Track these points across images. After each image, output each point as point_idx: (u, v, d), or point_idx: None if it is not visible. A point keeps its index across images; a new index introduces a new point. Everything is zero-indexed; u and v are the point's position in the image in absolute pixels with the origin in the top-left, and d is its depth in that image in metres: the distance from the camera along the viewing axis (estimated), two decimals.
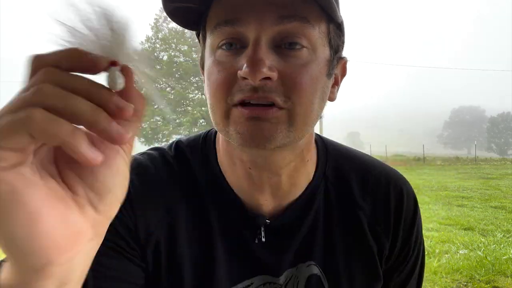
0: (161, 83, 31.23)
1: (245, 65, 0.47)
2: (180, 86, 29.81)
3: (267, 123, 0.49)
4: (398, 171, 0.72)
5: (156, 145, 0.74)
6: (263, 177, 0.59)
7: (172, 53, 30.86)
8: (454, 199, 8.50)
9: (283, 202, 0.62)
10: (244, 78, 0.48)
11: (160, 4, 0.51)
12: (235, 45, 0.50)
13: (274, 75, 0.48)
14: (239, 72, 0.48)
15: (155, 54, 31.45)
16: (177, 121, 29.91)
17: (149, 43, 31.78)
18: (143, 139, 29.68)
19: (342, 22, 0.55)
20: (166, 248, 0.59)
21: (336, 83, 0.61)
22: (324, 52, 0.53)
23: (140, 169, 0.60)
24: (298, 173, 0.62)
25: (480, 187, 10.54)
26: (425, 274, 3.53)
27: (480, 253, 4.31)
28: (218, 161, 0.63)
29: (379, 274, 0.64)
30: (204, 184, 0.62)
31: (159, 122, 29.92)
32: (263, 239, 0.61)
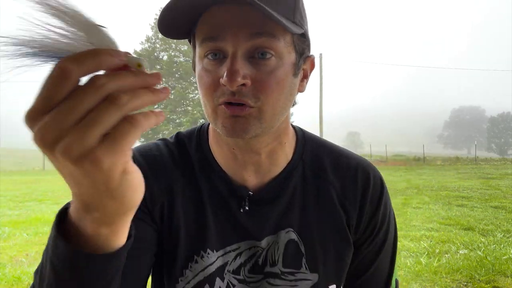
0: (161, 83, 31.22)
1: (225, 75, 0.60)
2: (180, 86, 29.81)
3: (242, 119, 0.63)
4: (371, 162, 0.84)
5: None
6: (246, 157, 0.73)
7: (172, 53, 30.85)
8: (454, 199, 8.50)
9: (264, 179, 0.75)
10: (224, 85, 0.61)
11: (160, 5, 0.57)
12: (218, 55, 0.63)
13: (247, 82, 0.61)
14: (221, 79, 0.61)
15: (155, 54, 31.46)
16: (177, 121, 29.91)
17: (149, 43, 31.78)
18: (143, 139, 29.69)
19: (305, 31, 0.67)
20: (166, 215, 0.72)
21: (305, 77, 0.74)
22: (290, 57, 0.65)
23: (146, 150, 0.77)
24: (276, 154, 0.75)
25: (480, 187, 10.54)
26: (425, 274, 3.54)
27: (480, 253, 4.31)
28: (210, 145, 0.78)
29: (348, 240, 0.76)
30: (197, 163, 0.76)
31: None
32: (247, 208, 0.73)
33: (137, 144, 0.47)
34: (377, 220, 0.78)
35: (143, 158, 0.74)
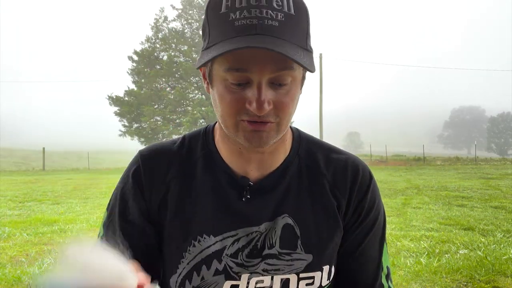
0: (161, 83, 31.23)
1: (254, 103, 0.68)
2: (180, 86, 29.76)
3: (264, 133, 0.72)
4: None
5: None
6: (251, 155, 0.82)
7: (172, 53, 30.78)
8: (454, 199, 8.50)
9: (265, 172, 0.83)
10: (252, 110, 0.69)
11: (160, 5, 0.61)
12: (243, 84, 0.70)
13: (271, 108, 0.70)
14: (247, 105, 0.69)
15: (155, 54, 31.40)
16: (177, 121, 29.87)
17: (149, 43, 31.70)
18: (143, 139, 29.64)
19: (312, 50, 0.75)
20: (164, 205, 0.82)
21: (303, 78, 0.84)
22: (299, 75, 0.74)
23: (149, 149, 0.89)
24: (277, 151, 0.84)
25: (480, 187, 10.54)
26: (425, 274, 3.53)
27: (480, 253, 4.31)
28: (215, 142, 0.86)
29: (338, 224, 0.84)
30: (201, 159, 0.85)
31: (159, 122, 29.88)
32: (248, 197, 0.81)
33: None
34: (364, 206, 0.86)
35: (142, 160, 0.86)
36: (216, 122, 0.87)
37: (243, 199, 0.81)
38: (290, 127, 0.91)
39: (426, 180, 13.14)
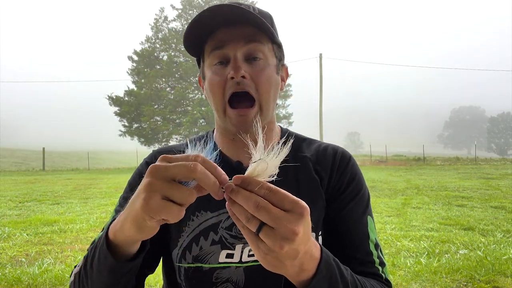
0: (161, 83, 31.20)
1: (231, 71, 0.86)
2: (180, 86, 29.75)
3: (248, 117, 0.87)
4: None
5: (156, 145, 1.00)
6: (242, 143, 0.87)
7: (172, 53, 30.77)
8: (454, 199, 8.50)
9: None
10: (231, 78, 0.86)
11: (160, 5, 0.67)
12: (224, 62, 0.89)
13: (247, 75, 0.86)
14: (228, 75, 0.86)
15: (155, 54, 31.39)
16: (177, 121, 29.85)
17: (149, 43, 31.70)
18: (143, 139, 29.63)
19: (280, 43, 0.96)
20: None
21: (283, 80, 1.00)
22: (272, 60, 0.92)
23: (162, 149, 1.05)
24: (268, 139, 0.91)
25: (480, 187, 10.53)
26: (425, 274, 3.53)
27: (480, 253, 4.30)
28: (214, 137, 1.03)
29: (321, 196, 0.94)
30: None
31: (159, 122, 29.87)
32: None
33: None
34: (345, 178, 0.96)
35: (157, 152, 1.03)
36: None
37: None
38: (280, 127, 1.05)
39: (426, 180, 13.13)
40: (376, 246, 0.93)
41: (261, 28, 0.86)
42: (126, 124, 30.01)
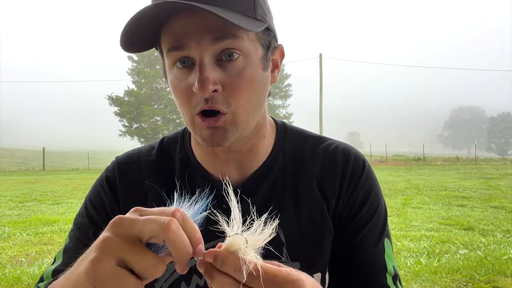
0: (161, 83, 31.21)
1: (196, 84, 0.61)
2: None
3: (219, 129, 0.65)
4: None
5: None
6: (227, 156, 0.75)
7: None
8: (454, 199, 8.50)
9: (246, 173, 0.76)
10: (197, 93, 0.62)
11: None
12: (187, 62, 0.64)
13: (218, 87, 0.62)
14: (193, 88, 0.61)
15: (155, 54, 31.40)
16: (177, 121, 29.86)
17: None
18: (143, 139, 29.65)
19: (268, 25, 0.67)
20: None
21: (276, 67, 0.74)
22: (257, 53, 0.66)
23: (125, 160, 0.83)
24: (256, 148, 0.76)
25: (480, 187, 10.54)
26: (425, 274, 3.53)
27: (480, 253, 4.30)
28: (192, 146, 0.81)
29: (328, 226, 0.75)
30: (178, 165, 0.79)
31: (159, 122, 29.87)
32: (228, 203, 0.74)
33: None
34: (357, 197, 0.75)
35: (118, 168, 0.81)
36: None
37: (223, 206, 0.71)
38: (275, 120, 0.83)
39: (426, 180, 13.13)
40: (395, 278, 0.75)
41: (230, 23, 0.57)
42: (126, 124, 30.06)
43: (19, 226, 6.07)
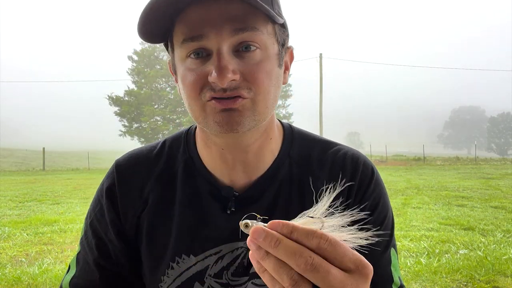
0: (161, 83, 31.22)
1: (213, 72, 0.59)
2: None
3: (236, 112, 0.62)
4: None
5: None
6: (234, 156, 0.72)
7: None
8: (454, 199, 8.50)
9: (252, 177, 0.74)
10: (214, 82, 0.60)
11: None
12: (201, 53, 0.62)
13: (237, 76, 0.60)
14: (209, 77, 0.60)
15: (155, 54, 31.41)
16: (177, 121, 29.86)
17: (149, 43, 31.68)
18: (143, 139, 29.65)
19: (284, 22, 0.67)
20: (141, 225, 0.75)
21: (287, 68, 0.74)
22: (273, 48, 0.65)
23: (124, 161, 0.80)
24: (263, 151, 0.74)
25: (480, 187, 10.53)
26: (425, 274, 3.52)
27: (480, 253, 4.30)
28: (197, 147, 0.78)
29: None
30: (182, 168, 0.77)
31: (159, 122, 29.88)
32: (233, 209, 0.71)
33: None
34: (365, 207, 0.73)
35: (117, 173, 0.78)
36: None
37: (228, 211, 0.71)
38: (282, 122, 0.81)
39: (426, 180, 13.13)
40: None
41: (253, 3, 0.57)
42: (126, 124, 30.06)
43: (19, 226, 6.07)
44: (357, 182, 0.74)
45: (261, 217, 0.43)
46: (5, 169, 25.61)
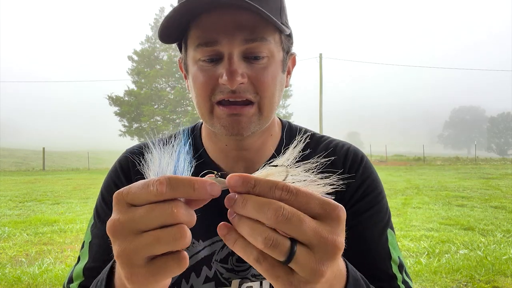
0: (161, 83, 31.22)
1: (224, 75, 0.65)
2: (180, 86, 29.77)
3: (243, 117, 0.68)
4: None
5: None
6: (237, 154, 0.78)
7: (172, 53, 30.80)
8: (454, 199, 8.50)
9: (254, 171, 0.78)
10: (224, 84, 0.66)
11: (160, 5, 0.61)
12: (214, 58, 0.68)
13: (245, 80, 0.67)
14: (220, 79, 0.66)
15: (155, 54, 31.41)
16: (177, 121, 29.87)
17: (149, 43, 31.73)
18: (143, 139, 29.65)
19: (290, 33, 0.74)
20: None
21: (289, 73, 0.81)
22: (279, 55, 0.72)
23: (133, 151, 0.86)
24: (264, 147, 0.80)
25: (480, 187, 10.53)
26: (425, 274, 3.52)
27: (480, 253, 4.30)
28: (203, 141, 0.84)
29: None
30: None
31: (159, 122, 29.88)
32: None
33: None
34: (357, 187, 0.78)
35: (131, 153, 0.84)
36: None
37: None
38: (280, 119, 0.87)
39: (426, 180, 13.13)
40: (401, 267, 0.78)
41: (265, 16, 0.63)
42: (126, 124, 30.06)
43: (19, 226, 6.07)
44: (348, 167, 0.80)
45: (219, 173, 0.43)
46: (5, 169, 25.61)
